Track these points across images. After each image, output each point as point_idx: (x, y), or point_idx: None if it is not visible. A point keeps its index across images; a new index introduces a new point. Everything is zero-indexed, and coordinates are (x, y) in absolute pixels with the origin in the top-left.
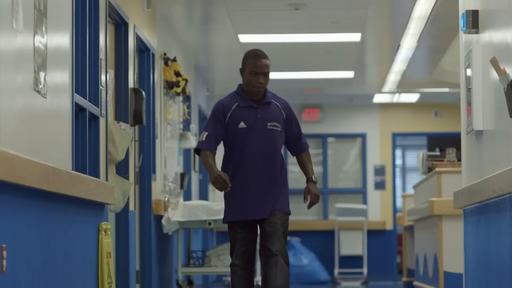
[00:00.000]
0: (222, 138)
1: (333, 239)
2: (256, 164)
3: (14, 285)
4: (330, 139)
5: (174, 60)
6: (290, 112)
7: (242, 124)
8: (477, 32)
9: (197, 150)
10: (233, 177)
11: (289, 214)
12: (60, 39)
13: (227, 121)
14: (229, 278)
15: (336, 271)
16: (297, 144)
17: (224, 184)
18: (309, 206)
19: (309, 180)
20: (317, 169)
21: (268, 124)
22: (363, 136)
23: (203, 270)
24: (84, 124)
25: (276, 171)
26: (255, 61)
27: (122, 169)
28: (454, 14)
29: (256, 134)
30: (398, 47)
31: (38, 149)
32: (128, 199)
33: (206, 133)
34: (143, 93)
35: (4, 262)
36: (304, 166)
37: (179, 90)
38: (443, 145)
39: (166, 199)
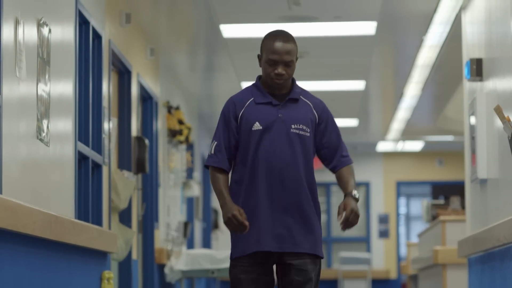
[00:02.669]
0: (236, 147)
1: None
2: (274, 179)
3: None
4: (334, 188)
5: (177, 108)
6: (325, 113)
7: (257, 125)
8: (481, 80)
9: (207, 166)
10: (245, 198)
11: (322, 257)
12: (63, 87)
13: (239, 122)
14: None
15: None
16: (335, 156)
17: (239, 227)
18: (343, 225)
19: (347, 194)
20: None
21: (293, 126)
22: (367, 185)
23: None
24: (87, 172)
25: (301, 190)
26: (272, 45)
27: (125, 217)
28: (458, 62)
29: (275, 139)
30: (402, 95)
31: (40, 198)
32: (131, 247)
33: (215, 142)
34: (146, 141)
35: None
36: (344, 180)
37: (182, 138)
38: (447, 193)
39: (169, 247)
